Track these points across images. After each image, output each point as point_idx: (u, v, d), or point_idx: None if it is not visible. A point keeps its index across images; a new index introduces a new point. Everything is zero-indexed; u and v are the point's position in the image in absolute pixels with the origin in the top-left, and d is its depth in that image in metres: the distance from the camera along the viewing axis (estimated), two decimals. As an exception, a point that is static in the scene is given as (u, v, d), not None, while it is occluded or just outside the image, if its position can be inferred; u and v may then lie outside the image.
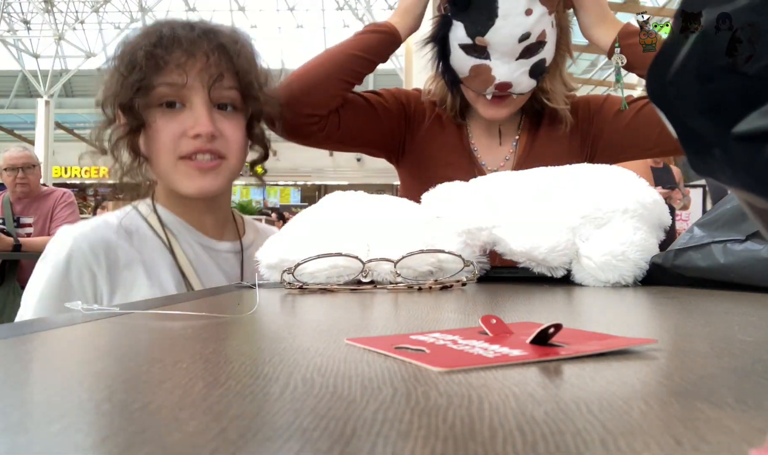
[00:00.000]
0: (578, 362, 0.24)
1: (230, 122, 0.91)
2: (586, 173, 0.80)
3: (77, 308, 0.42)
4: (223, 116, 0.90)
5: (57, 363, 0.25)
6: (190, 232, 0.95)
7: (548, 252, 0.70)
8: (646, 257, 0.70)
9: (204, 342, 0.30)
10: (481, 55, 1.02)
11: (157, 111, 0.87)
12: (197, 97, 0.87)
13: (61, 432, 0.15)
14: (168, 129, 0.87)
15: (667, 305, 0.49)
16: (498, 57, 1.01)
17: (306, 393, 0.19)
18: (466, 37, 1.02)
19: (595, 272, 0.69)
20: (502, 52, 1.01)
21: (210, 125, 0.87)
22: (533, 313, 0.44)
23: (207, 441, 0.15)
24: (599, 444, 0.14)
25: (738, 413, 0.17)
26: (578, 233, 0.72)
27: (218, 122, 0.89)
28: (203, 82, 0.86)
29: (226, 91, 0.89)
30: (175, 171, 0.88)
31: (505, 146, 1.15)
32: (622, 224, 0.71)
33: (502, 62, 1.01)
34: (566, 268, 0.72)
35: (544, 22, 1.01)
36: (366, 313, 0.43)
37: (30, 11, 14.87)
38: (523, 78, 1.03)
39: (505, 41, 1.00)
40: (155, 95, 0.86)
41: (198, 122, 0.86)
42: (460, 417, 0.17)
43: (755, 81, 0.17)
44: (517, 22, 0.99)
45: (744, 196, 0.19)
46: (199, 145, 0.86)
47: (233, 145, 0.91)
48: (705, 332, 0.34)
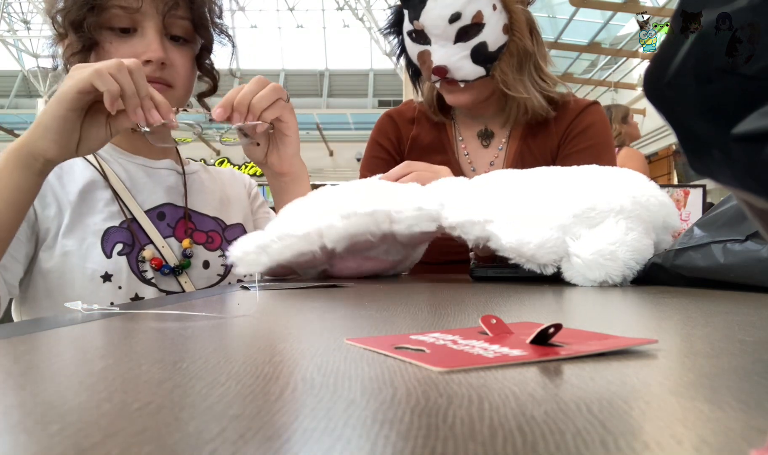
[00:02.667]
0: (578, 362, 0.24)
1: (180, 51, 0.91)
2: (587, 173, 0.80)
3: (77, 308, 0.42)
4: (173, 46, 0.90)
5: (57, 363, 0.25)
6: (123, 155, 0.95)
7: (537, 248, 0.70)
8: (637, 258, 0.70)
9: (204, 341, 0.30)
10: (424, 41, 1.02)
11: (107, 33, 0.86)
12: (150, 23, 0.86)
13: (61, 432, 0.15)
14: (117, 53, 0.85)
15: (667, 305, 0.49)
16: (435, 41, 1.01)
17: (306, 393, 0.19)
18: (408, 23, 1.03)
19: (583, 270, 0.69)
20: (437, 35, 1.00)
21: (161, 51, 0.86)
22: (533, 313, 0.44)
23: (207, 441, 0.15)
24: (599, 444, 0.14)
25: (738, 413, 0.17)
26: (570, 231, 0.72)
27: (169, 51, 0.88)
28: (157, 8, 0.86)
29: (179, 20, 0.89)
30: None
31: (492, 148, 1.15)
32: (615, 224, 0.71)
33: (439, 46, 1.01)
34: (556, 265, 0.72)
35: (480, 4, 0.99)
36: (366, 313, 0.43)
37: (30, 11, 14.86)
38: (464, 63, 1.01)
39: (435, 23, 0.99)
40: (107, 17, 0.85)
41: (149, 48, 0.86)
42: (460, 417, 0.17)
43: (755, 82, 0.17)
44: (447, 2, 0.98)
45: (743, 196, 0.19)
46: (148, 72, 0.85)
47: (182, 74, 0.91)
48: (705, 332, 0.34)
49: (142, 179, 0.95)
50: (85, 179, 0.90)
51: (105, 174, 0.92)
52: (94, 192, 0.90)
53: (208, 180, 1.06)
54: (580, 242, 0.70)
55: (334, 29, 16.68)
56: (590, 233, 0.71)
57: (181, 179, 1.00)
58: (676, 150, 7.39)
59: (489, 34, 1.00)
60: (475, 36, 1.00)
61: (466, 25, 0.99)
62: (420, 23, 1.00)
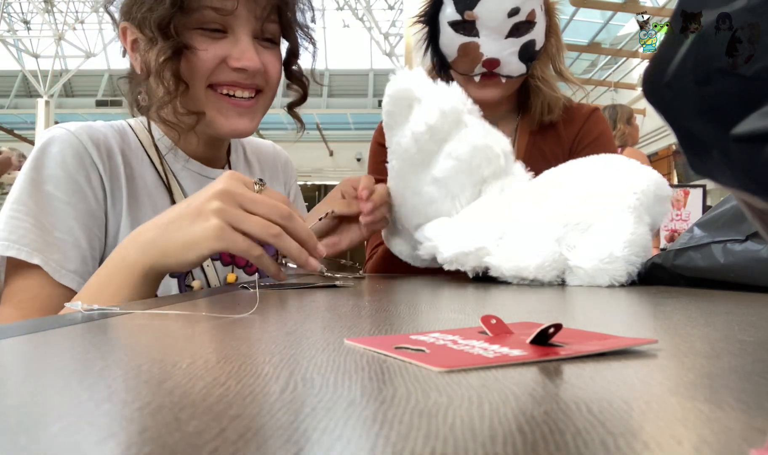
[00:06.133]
0: (578, 362, 0.24)
1: (270, 55, 0.84)
2: (575, 171, 0.80)
3: (77, 308, 0.42)
4: (263, 49, 0.83)
5: (57, 363, 0.25)
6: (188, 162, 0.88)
7: (537, 270, 0.70)
8: (637, 252, 0.69)
9: (204, 341, 0.30)
10: (470, 33, 1.02)
11: (197, 35, 0.78)
12: (245, 27, 0.79)
13: (61, 432, 0.15)
14: (209, 55, 0.78)
15: (667, 305, 0.49)
16: (487, 34, 1.01)
17: (306, 393, 0.19)
18: (455, 13, 1.02)
19: (588, 279, 0.69)
20: (490, 28, 1.00)
21: (258, 59, 0.80)
22: (533, 313, 0.44)
23: (207, 441, 0.15)
24: (599, 444, 0.14)
25: (738, 413, 0.17)
26: (564, 242, 0.72)
27: (260, 55, 0.81)
28: (252, 11, 0.79)
29: (270, 23, 0.82)
30: (206, 102, 0.80)
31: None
32: (605, 223, 0.71)
33: (490, 39, 1.01)
34: (560, 278, 0.72)
35: (534, 3, 1.00)
36: (366, 313, 0.43)
37: (30, 11, 14.86)
38: (513, 59, 1.02)
39: (493, 16, 0.99)
40: (196, 18, 0.77)
41: (244, 55, 0.79)
42: (460, 417, 0.17)
43: (754, 82, 0.17)
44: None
45: (743, 197, 0.19)
46: (239, 79, 0.79)
47: (272, 79, 0.84)
48: (705, 332, 0.34)
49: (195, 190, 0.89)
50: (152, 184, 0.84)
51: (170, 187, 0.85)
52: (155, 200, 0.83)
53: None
54: (577, 252, 0.70)
55: (334, 29, 16.68)
56: (584, 237, 0.71)
57: None
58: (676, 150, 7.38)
59: (537, 33, 1.03)
60: (526, 33, 1.01)
61: (521, 21, 1.00)
62: (473, 14, 1.00)
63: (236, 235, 0.62)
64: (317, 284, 0.69)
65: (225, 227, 0.61)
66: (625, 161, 0.78)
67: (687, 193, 4.03)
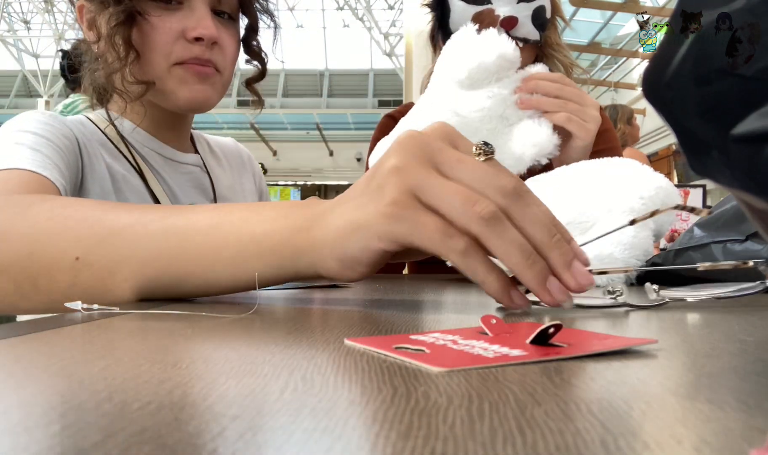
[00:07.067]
0: (578, 362, 0.24)
1: (228, 30, 0.82)
2: (584, 171, 0.79)
3: (77, 308, 0.42)
4: (220, 23, 0.81)
5: (57, 363, 0.25)
6: (152, 140, 0.86)
7: None
8: (637, 255, 0.69)
9: (204, 341, 0.30)
10: (482, 2, 1.03)
11: (150, 4, 0.77)
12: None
13: (61, 432, 0.15)
14: (165, 26, 0.77)
15: (667, 305, 0.49)
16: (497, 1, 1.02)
17: (306, 393, 0.19)
18: None
19: None
20: None
21: (215, 28, 0.78)
22: (533, 313, 0.44)
23: (207, 441, 0.15)
24: (599, 444, 0.14)
25: (738, 413, 0.17)
26: None
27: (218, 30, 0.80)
28: None
29: None
30: (169, 77, 0.79)
31: None
32: (607, 225, 0.70)
33: (502, 3, 1.02)
34: None
35: None
36: (366, 313, 0.43)
37: (30, 11, 14.86)
38: (528, 22, 1.04)
39: None
40: None
41: (200, 23, 0.77)
42: (460, 417, 0.17)
43: (754, 82, 0.17)
44: None
45: (743, 197, 0.19)
46: (198, 52, 0.78)
47: (229, 57, 0.83)
48: (705, 332, 0.34)
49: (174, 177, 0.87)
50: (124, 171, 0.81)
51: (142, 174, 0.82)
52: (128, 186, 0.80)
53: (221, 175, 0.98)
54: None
55: (334, 29, 16.68)
56: (584, 237, 0.71)
57: (205, 174, 0.92)
58: (676, 150, 7.39)
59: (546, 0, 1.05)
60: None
61: None
62: None
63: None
64: (317, 284, 0.69)
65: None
66: (638, 166, 0.78)
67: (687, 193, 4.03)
